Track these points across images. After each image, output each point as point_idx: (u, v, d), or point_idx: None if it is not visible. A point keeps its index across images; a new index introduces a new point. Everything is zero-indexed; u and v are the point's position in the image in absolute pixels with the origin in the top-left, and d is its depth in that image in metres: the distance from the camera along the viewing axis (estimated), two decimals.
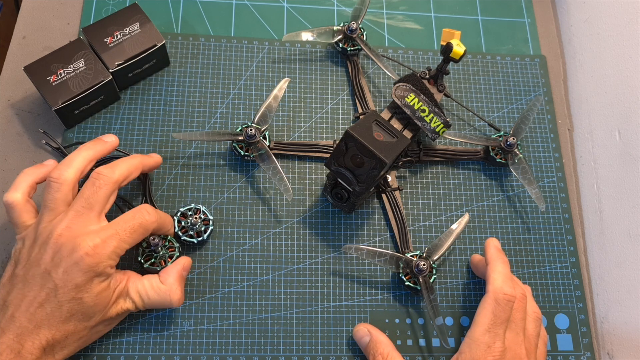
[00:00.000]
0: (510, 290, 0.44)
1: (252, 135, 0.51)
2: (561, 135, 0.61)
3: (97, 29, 0.52)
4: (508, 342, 0.43)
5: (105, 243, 0.40)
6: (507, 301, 0.44)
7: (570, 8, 0.66)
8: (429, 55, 0.62)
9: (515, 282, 0.47)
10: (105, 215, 0.43)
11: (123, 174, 0.44)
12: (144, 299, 0.44)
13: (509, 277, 0.46)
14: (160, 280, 0.45)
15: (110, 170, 0.43)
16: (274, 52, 0.60)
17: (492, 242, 0.50)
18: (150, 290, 0.44)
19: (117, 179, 0.43)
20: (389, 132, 0.47)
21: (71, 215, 0.41)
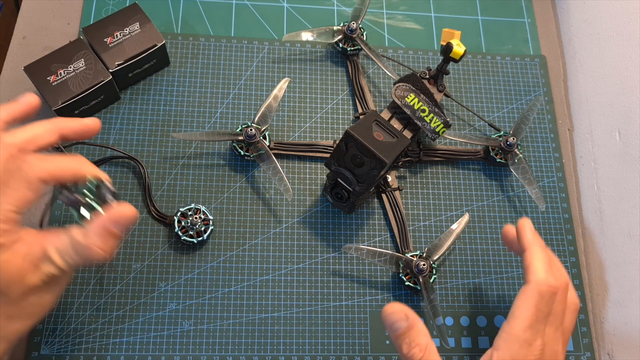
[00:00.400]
0: (554, 281, 0.40)
1: (252, 135, 0.51)
2: (561, 135, 0.61)
3: (97, 29, 0.52)
4: (547, 337, 0.39)
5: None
6: (552, 294, 0.39)
7: (570, 8, 0.66)
8: (429, 55, 0.62)
9: (557, 269, 0.42)
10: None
11: (25, 138, 0.36)
12: (67, 259, 0.36)
13: (551, 264, 0.41)
14: (82, 235, 0.36)
15: (10, 134, 0.37)
16: (274, 52, 0.60)
17: (527, 223, 0.44)
18: (70, 249, 0.36)
19: (14, 142, 0.36)
20: (389, 132, 0.47)
21: None
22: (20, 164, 0.35)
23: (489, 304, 0.53)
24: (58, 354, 0.46)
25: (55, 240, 0.36)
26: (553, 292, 0.39)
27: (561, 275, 0.41)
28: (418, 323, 0.39)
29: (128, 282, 0.49)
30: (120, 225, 0.37)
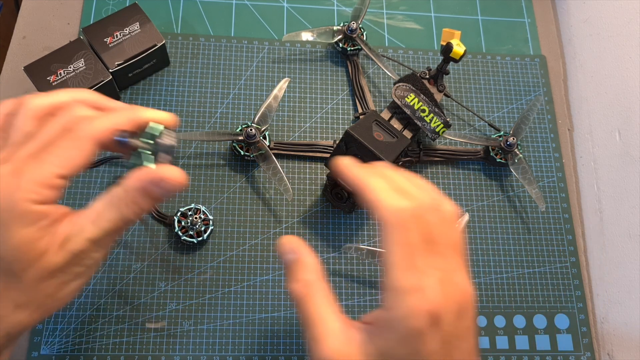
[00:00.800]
0: (409, 203, 0.30)
1: (252, 135, 0.51)
2: (561, 135, 0.61)
3: (97, 29, 0.52)
4: (438, 271, 0.29)
5: (17, 171, 0.29)
6: (414, 218, 0.30)
7: (570, 8, 0.66)
8: (429, 55, 0.62)
9: (413, 188, 0.32)
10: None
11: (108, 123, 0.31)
12: (101, 223, 0.31)
13: (400, 186, 0.32)
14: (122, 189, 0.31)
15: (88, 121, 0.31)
16: (274, 52, 0.60)
17: (344, 163, 0.34)
18: (105, 210, 0.31)
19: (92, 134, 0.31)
20: (389, 132, 0.47)
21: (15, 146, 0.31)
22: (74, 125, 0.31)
23: (489, 304, 0.53)
24: (58, 354, 0.46)
25: (86, 211, 0.31)
26: (414, 215, 0.30)
27: (419, 193, 0.32)
28: (306, 257, 0.33)
29: (128, 282, 0.49)
30: (162, 189, 0.32)
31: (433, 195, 0.32)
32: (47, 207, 0.29)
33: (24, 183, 0.28)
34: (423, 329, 0.28)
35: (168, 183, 0.32)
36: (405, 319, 0.28)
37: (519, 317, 0.52)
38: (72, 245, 0.30)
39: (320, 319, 0.30)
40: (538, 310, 0.53)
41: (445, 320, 0.28)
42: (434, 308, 0.28)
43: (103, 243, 0.31)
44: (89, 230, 0.30)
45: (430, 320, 0.28)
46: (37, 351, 0.46)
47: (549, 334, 0.52)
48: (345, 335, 0.30)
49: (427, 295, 0.28)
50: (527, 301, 0.53)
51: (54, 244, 0.30)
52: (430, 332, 0.28)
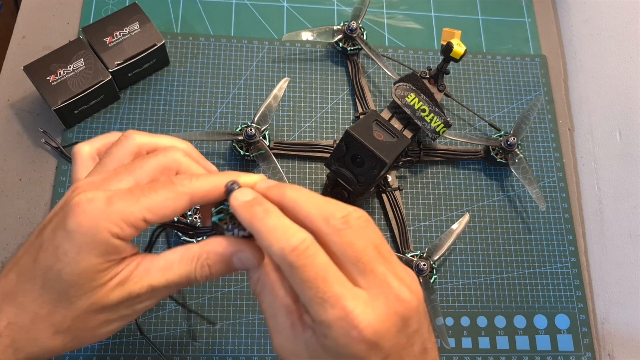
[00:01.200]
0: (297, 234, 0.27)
1: (252, 135, 0.51)
2: (562, 135, 0.61)
3: (97, 28, 0.52)
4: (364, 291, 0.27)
5: (109, 200, 0.28)
6: (310, 246, 0.27)
7: (571, 8, 0.65)
8: (429, 54, 0.62)
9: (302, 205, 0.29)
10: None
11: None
12: (167, 276, 0.30)
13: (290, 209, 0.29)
14: (200, 247, 0.31)
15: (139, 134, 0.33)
16: (274, 52, 0.60)
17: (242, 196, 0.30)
18: (175, 265, 0.31)
19: (144, 142, 0.33)
20: (389, 131, 0.47)
21: (111, 174, 0.31)
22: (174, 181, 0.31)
23: (490, 304, 0.52)
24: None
25: (157, 257, 0.31)
26: (312, 244, 0.27)
27: (313, 210, 0.29)
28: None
29: None
30: (242, 264, 0.31)
31: (328, 208, 0.29)
32: (123, 244, 0.29)
33: (113, 215, 0.28)
34: (363, 356, 0.26)
35: (250, 261, 0.30)
36: (343, 347, 0.26)
37: (520, 318, 0.52)
38: (132, 286, 0.30)
39: (270, 313, 0.30)
40: (538, 310, 0.53)
41: (385, 339, 0.27)
42: (369, 334, 0.26)
43: (161, 293, 0.31)
44: (155, 278, 0.30)
45: (367, 347, 0.26)
46: None
47: (550, 334, 0.52)
48: (292, 333, 0.29)
49: (357, 323, 0.26)
50: (528, 301, 0.53)
51: (115, 280, 0.30)
52: (371, 355, 0.27)
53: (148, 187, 0.30)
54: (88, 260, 0.28)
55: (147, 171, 0.31)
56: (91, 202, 0.28)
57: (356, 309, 0.26)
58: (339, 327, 0.26)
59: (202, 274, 0.31)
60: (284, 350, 0.29)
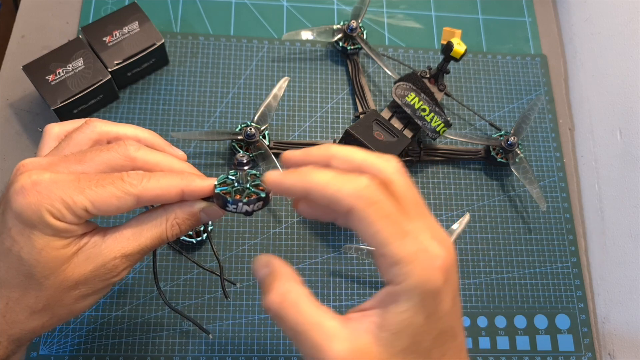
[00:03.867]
0: (362, 179, 0.28)
1: (252, 135, 0.51)
2: (562, 134, 0.61)
3: (96, 28, 0.52)
4: (428, 231, 0.28)
5: (53, 183, 0.29)
6: (376, 190, 0.27)
7: (571, 7, 0.65)
8: (430, 54, 0.62)
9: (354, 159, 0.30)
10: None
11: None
12: (139, 240, 0.31)
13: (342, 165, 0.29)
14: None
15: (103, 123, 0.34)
16: (274, 51, 0.60)
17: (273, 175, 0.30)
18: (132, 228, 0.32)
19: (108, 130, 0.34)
20: (389, 131, 0.46)
21: (57, 156, 0.31)
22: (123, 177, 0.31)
23: (490, 304, 0.52)
24: (57, 355, 0.46)
25: (121, 227, 0.32)
26: (377, 188, 0.28)
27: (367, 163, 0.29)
28: (280, 267, 0.30)
29: (127, 282, 0.49)
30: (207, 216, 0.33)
31: (377, 160, 0.29)
32: (69, 225, 0.29)
33: (54, 199, 0.28)
34: (440, 287, 0.26)
35: (216, 212, 0.33)
36: (425, 282, 0.26)
37: (520, 318, 0.52)
38: (103, 259, 0.31)
39: (312, 324, 0.27)
40: (539, 310, 0.53)
41: (452, 274, 0.28)
42: (444, 264, 0.27)
43: (133, 259, 0.32)
44: (127, 245, 0.31)
45: (444, 277, 0.27)
46: (36, 351, 0.46)
47: (550, 334, 0.52)
48: (349, 332, 0.27)
49: (433, 254, 0.27)
50: (528, 301, 0.53)
51: (81, 256, 0.30)
52: (445, 289, 0.27)
53: (97, 179, 0.30)
54: (41, 240, 0.29)
55: (96, 164, 0.31)
56: (35, 184, 0.28)
57: (431, 244, 0.27)
58: (422, 260, 0.26)
59: (173, 232, 0.32)
60: (345, 356, 0.26)
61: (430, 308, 0.27)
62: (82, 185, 0.29)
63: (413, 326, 0.26)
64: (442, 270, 0.26)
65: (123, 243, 0.31)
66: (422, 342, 0.27)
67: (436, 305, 0.27)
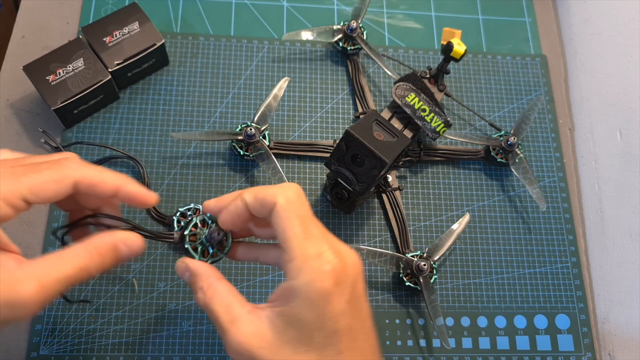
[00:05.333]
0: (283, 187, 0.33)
1: (252, 135, 0.51)
2: (562, 134, 0.61)
3: (97, 28, 0.52)
4: (329, 241, 0.32)
5: None
6: (295, 195, 0.32)
7: (571, 7, 0.65)
8: (430, 54, 0.62)
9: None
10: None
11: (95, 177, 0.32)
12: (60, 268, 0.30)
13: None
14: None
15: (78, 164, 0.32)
16: (274, 52, 0.60)
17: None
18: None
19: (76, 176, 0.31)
20: (390, 131, 0.46)
21: None
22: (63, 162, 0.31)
23: (490, 304, 0.52)
24: (57, 355, 0.46)
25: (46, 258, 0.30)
26: (295, 194, 0.32)
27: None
28: (200, 267, 0.34)
29: (127, 283, 0.49)
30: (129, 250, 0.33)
31: (282, 186, 0.33)
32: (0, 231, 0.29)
33: None
34: (329, 289, 0.29)
35: (137, 244, 0.33)
36: (312, 282, 0.29)
37: (520, 318, 0.52)
38: (12, 284, 0.28)
39: (225, 310, 0.32)
40: (539, 310, 0.53)
41: (346, 281, 0.30)
42: (336, 269, 0.30)
43: (49, 291, 0.29)
44: (44, 273, 0.29)
45: (335, 280, 0.30)
46: (36, 352, 0.46)
47: (550, 334, 0.52)
48: (252, 317, 0.31)
49: (328, 258, 0.30)
50: (528, 301, 0.53)
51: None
52: (336, 292, 0.30)
53: (32, 166, 0.29)
54: None
55: (38, 160, 0.31)
56: None
57: (329, 251, 0.31)
58: (314, 263, 0.30)
59: (96, 263, 0.31)
60: (245, 336, 0.31)
61: (320, 307, 0.29)
62: (18, 174, 0.29)
63: (303, 321, 0.30)
64: (332, 275, 0.30)
65: (41, 270, 0.29)
66: (314, 337, 0.30)
67: (325, 306, 0.29)
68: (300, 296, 0.30)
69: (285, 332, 0.30)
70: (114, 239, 0.32)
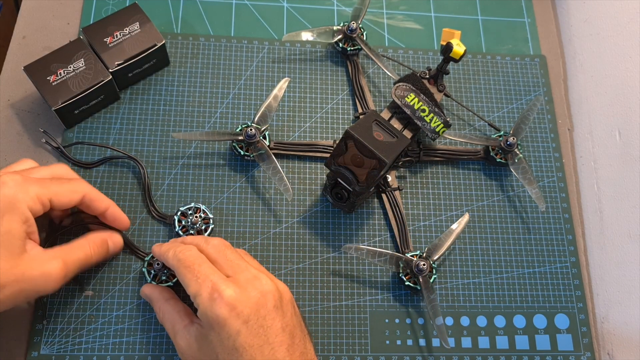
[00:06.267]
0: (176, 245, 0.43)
1: (252, 135, 0.51)
2: (561, 135, 0.61)
3: (97, 28, 0.52)
4: (234, 278, 0.40)
5: (26, 181, 0.40)
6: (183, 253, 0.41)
7: (570, 8, 0.66)
8: (429, 55, 0.62)
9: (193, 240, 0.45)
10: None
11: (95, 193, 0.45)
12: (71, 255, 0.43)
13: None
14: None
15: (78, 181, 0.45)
16: (274, 52, 0.60)
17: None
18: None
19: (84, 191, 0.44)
20: (389, 131, 0.47)
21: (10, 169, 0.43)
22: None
23: (489, 304, 0.52)
24: (58, 354, 0.46)
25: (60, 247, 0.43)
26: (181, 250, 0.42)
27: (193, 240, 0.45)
28: (153, 293, 0.45)
29: (128, 282, 0.49)
30: (114, 244, 0.48)
31: (200, 239, 0.44)
32: (32, 219, 0.40)
33: (29, 191, 0.39)
34: (223, 316, 0.37)
35: (119, 242, 0.48)
36: (205, 311, 0.38)
37: (519, 317, 0.52)
38: (43, 261, 0.40)
39: (170, 326, 0.42)
40: (538, 310, 0.53)
41: (243, 307, 0.38)
42: (229, 300, 0.38)
43: (69, 269, 0.41)
44: (64, 255, 0.41)
45: (228, 309, 0.37)
46: (36, 351, 0.46)
47: (549, 334, 0.52)
48: (185, 332, 0.41)
49: (221, 292, 0.38)
50: (527, 301, 0.53)
51: (26, 255, 0.39)
52: (232, 317, 0.37)
53: (55, 180, 0.42)
54: (9, 224, 0.38)
55: (45, 173, 0.43)
56: (12, 180, 0.39)
57: (224, 285, 0.38)
58: (207, 295, 0.38)
59: (94, 252, 0.44)
60: (182, 347, 0.41)
61: (216, 329, 0.38)
62: (47, 184, 0.41)
63: (209, 338, 0.38)
64: (226, 304, 0.37)
65: (62, 253, 0.41)
66: (219, 353, 0.38)
67: (221, 328, 0.37)
68: (202, 321, 0.39)
69: (202, 347, 0.39)
70: (104, 235, 0.46)
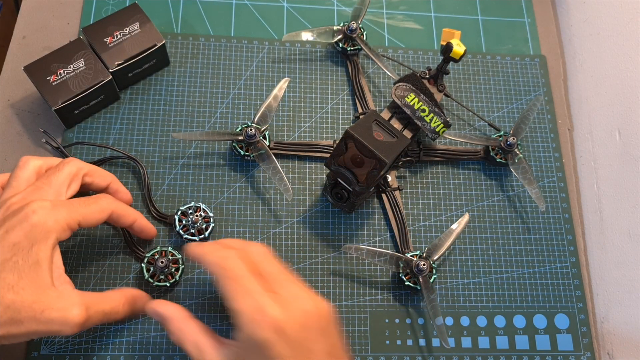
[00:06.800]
0: (225, 251, 0.39)
1: (252, 135, 0.51)
2: (561, 135, 0.61)
3: (97, 28, 0.52)
4: (276, 295, 0.37)
5: (55, 207, 0.38)
6: (228, 259, 0.38)
7: (570, 8, 0.66)
8: (429, 55, 0.62)
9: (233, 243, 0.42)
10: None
11: (91, 169, 0.44)
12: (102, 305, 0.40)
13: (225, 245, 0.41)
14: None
15: (80, 162, 0.43)
16: (274, 52, 0.60)
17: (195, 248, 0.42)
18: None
19: (82, 167, 0.43)
20: (389, 131, 0.47)
21: (29, 189, 0.40)
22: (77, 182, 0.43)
23: (489, 304, 0.53)
24: (58, 354, 0.46)
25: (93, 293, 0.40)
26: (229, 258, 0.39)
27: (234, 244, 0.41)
28: (169, 311, 0.41)
29: (128, 282, 0.49)
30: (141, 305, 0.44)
31: (248, 244, 0.41)
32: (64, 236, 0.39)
33: (59, 217, 0.38)
34: (267, 338, 0.34)
35: (143, 304, 0.43)
36: (250, 332, 0.35)
37: (519, 317, 0.52)
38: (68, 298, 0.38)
39: (194, 347, 0.39)
40: (538, 310, 0.53)
41: (289, 330, 0.35)
42: (273, 321, 0.35)
43: (90, 316, 0.39)
44: (90, 300, 0.39)
45: (273, 331, 0.35)
46: (37, 351, 0.46)
47: (549, 333, 0.52)
48: (215, 353, 0.38)
49: (265, 312, 0.35)
50: (527, 301, 0.53)
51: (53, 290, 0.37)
52: (277, 341, 0.35)
53: (83, 200, 0.41)
54: (38, 255, 0.37)
55: (62, 181, 0.41)
56: (42, 208, 0.37)
57: (269, 304, 0.35)
58: (252, 315, 0.35)
59: (122, 310, 0.42)
60: None
61: (260, 351, 0.35)
62: (75, 206, 0.40)
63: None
64: (270, 326, 0.35)
65: (88, 301, 0.39)
66: None
67: (263, 351, 0.35)
68: (244, 343, 0.36)
69: None
70: (134, 293, 0.43)
